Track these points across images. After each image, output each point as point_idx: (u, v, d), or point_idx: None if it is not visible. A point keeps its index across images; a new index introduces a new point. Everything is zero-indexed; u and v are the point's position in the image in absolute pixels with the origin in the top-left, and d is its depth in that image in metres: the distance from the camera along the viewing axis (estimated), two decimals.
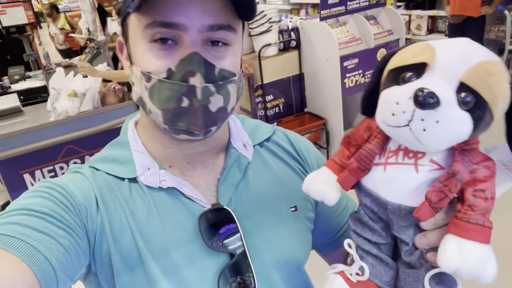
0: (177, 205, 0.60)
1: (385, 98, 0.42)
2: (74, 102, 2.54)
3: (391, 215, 0.45)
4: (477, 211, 0.40)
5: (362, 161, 0.46)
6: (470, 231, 0.39)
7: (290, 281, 0.66)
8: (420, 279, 0.44)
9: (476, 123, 0.39)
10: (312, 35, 3.15)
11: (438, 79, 0.38)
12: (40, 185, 0.57)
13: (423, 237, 0.44)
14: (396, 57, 0.44)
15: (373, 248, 0.49)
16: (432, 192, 0.40)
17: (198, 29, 0.52)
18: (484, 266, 0.38)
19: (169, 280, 0.57)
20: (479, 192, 0.41)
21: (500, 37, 4.26)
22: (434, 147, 0.40)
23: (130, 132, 0.66)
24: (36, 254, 0.47)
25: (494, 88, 0.38)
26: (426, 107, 0.37)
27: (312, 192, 0.51)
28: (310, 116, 3.43)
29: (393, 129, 0.41)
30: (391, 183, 0.44)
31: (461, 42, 0.41)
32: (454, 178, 0.40)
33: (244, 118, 0.75)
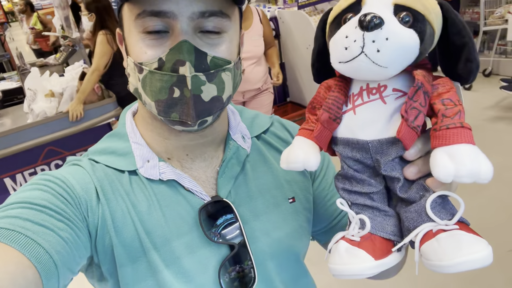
0: (178, 198, 0.61)
1: (334, 38, 0.43)
2: (51, 102, 2.48)
3: (375, 154, 0.45)
4: (451, 116, 0.41)
5: (330, 109, 0.46)
6: (453, 136, 0.39)
7: (288, 272, 0.67)
8: (422, 210, 0.43)
9: (421, 36, 0.41)
10: (291, 24, 3.15)
11: (375, 7, 0.41)
12: (39, 177, 0.57)
13: (412, 166, 0.44)
14: (333, 9, 0.47)
15: (367, 200, 0.48)
16: (405, 109, 0.41)
17: (189, 16, 0.51)
18: (478, 163, 0.38)
19: (171, 270, 0.57)
20: (447, 101, 0.42)
21: (475, 19, 4.34)
22: (392, 65, 0.41)
23: (128, 124, 0.66)
24: (36, 247, 0.46)
25: (424, 2, 0.42)
26: (372, 28, 0.39)
27: (291, 163, 0.49)
28: (293, 105, 3.45)
29: (350, 64, 0.42)
30: (365, 123, 0.45)
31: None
32: (420, 90, 0.41)
33: (243, 109, 0.74)
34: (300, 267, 0.72)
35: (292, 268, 0.68)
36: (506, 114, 3.57)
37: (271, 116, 0.75)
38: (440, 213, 0.42)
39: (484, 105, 3.76)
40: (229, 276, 0.60)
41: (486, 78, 4.33)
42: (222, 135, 0.67)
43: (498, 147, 3.07)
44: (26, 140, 2.42)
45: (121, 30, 0.60)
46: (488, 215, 2.39)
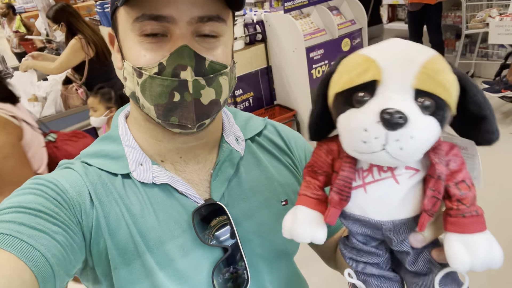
0: (171, 201, 0.61)
1: (348, 127, 0.40)
2: (35, 107, 2.44)
3: (387, 233, 0.44)
4: (467, 204, 0.40)
5: (342, 191, 0.44)
6: (469, 225, 0.39)
7: (280, 272, 0.68)
8: (429, 285, 0.44)
9: (441, 123, 0.39)
10: (277, 28, 3.16)
11: (394, 93, 0.38)
12: (31, 181, 0.56)
13: (418, 235, 0.44)
14: (338, 78, 0.43)
15: (374, 269, 0.48)
16: (427, 202, 0.40)
17: (188, 21, 0.52)
18: (492, 253, 0.39)
19: (165, 272, 0.58)
20: (461, 184, 0.41)
21: (457, 22, 4.43)
22: (412, 160, 0.40)
23: (121, 126, 0.65)
24: (32, 251, 0.47)
25: (446, 84, 0.39)
26: (397, 127, 0.36)
27: (298, 237, 0.47)
28: (280, 108, 3.46)
29: (368, 156, 0.39)
30: (377, 203, 0.43)
31: (395, 45, 0.41)
32: (440, 180, 0.40)
33: (236, 111, 0.75)
34: (292, 268, 0.73)
35: (284, 269, 0.69)
36: None
37: (264, 119, 0.76)
38: (446, 286, 0.43)
39: None
40: (223, 277, 0.60)
41: None
42: (216, 137, 0.67)
43: (479, 148, 3.13)
44: None
45: (114, 32, 0.59)
46: None
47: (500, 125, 3.43)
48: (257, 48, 3.31)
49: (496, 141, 0.43)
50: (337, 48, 3.21)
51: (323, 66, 3.19)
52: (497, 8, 4.03)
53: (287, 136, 0.75)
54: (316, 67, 3.16)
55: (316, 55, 3.12)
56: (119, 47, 0.59)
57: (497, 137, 0.43)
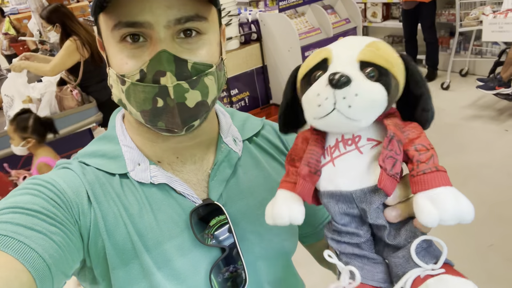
0: (169, 201, 0.61)
1: (306, 97, 0.46)
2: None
3: (360, 204, 0.46)
4: (426, 161, 0.43)
5: (309, 163, 0.48)
6: (430, 181, 0.41)
7: (278, 272, 0.68)
8: (409, 256, 0.45)
9: (387, 88, 0.44)
10: (272, 27, 3.16)
11: (341, 65, 0.44)
12: (28, 182, 0.56)
13: (393, 209, 0.45)
14: (302, 66, 0.49)
15: (355, 249, 0.49)
16: (383, 159, 0.43)
17: (165, 25, 0.51)
18: (459, 204, 0.40)
19: (163, 272, 0.57)
20: (419, 146, 0.44)
21: (451, 20, 4.44)
22: (364, 118, 0.43)
23: (118, 126, 0.65)
24: (29, 251, 0.46)
25: (387, 57, 0.45)
26: (342, 86, 0.41)
27: (277, 218, 0.50)
28: (276, 107, 3.46)
29: (324, 120, 0.44)
30: (345, 173, 0.47)
31: (350, 38, 0.48)
32: (394, 139, 0.43)
33: (234, 111, 0.75)
34: (290, 267, 0.73)
35: (282, 268, 0.69)
36: (483, 112, 3.67)
37: (262, 119, 0.76)
38: (425, 257, 0.44)
39: (461, 104, 3.86)
40: (223, 276, 0.60)
41: (462, 78, 4.44)
42: (212, 137, 0.67)
43: (475, 144, 3.15)
44: (4, 148, 2.35)
45: (100, 38, 0.59)
46: None
47: (495, 122, 3.46)
48: (252, 48, 3.31)
49: (431, 120, 0.47)
50: None
51: None
52: (490, 6, 4.05)
53: (285, 136, 0.75)
54: None
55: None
56: (106, 53, 0.58)
57: (431, 116, 0.46)
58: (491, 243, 2.23)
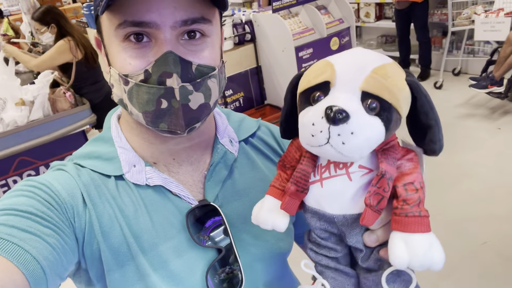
0: (165, 203, 0.60)
1: (302, 121, 0.44)
2: (22, 111, 2.39)
3: (341, 227, 0.47)
4: (411, 204, 0.43)
5: (298, 183, 0.48)
6: (410, 225, 0.42)
7: (274, 272, 0.68)
8: (379, 281, 0.46)
9: (386, 124, 0.42)
10: (266, 28, 3.16)
11: (342, 93, 0.41)
12: (23, 184, 0.56)
13: (372, 234, 0.46)
14: (303, 79, 0.47)
15: (331, 262, 0.51)
16: (369, 197, 0.43)
17: (171, 25, 0.51)
18: (432, 254, 0.41)
19: (159, 274, 0.57)
20: (409, 185, 0.43)
21: (443, 20, 4.48)
22: (357, 155, 0.42)
23: (113, 128, 0.65)
24: (24, 253, 0.46)
25: (393, 89, 0.41)
26: (338, 122, 0.39)
27: (261, 223, 0.52)
28: (271, 108, 3.46)
29: (316, 149, 0.43)
30: (331, 197, 0.46)
31: (354, 53, 0.45)
32: (384, 178, 0.43)
33: (230, 112, 0.75)
34: (286, 268, 0.74)
35: (278, 268, 0.70)
36: (475, 111, 3.70)
37: (258, 120, 0.76)
38: (395, 283, 0.46)
39: (454, 103, 3.88)
40: (219, 278, 0.60)
41: (455, 77, 4.48)
42: (209, 137, 0.67)
43: (468, 143, 3.18)
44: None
45: (100, 36, 0.58)
46: (461, 209, 2.47)
47: (488, 120, 3.49)
48: (246, 48, 3.31)
49: (439, 152, 0.45)
50: (326, 47, 3.23)
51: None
52: (482, 5, 4.08)
53: (280, 137, 0.75)
54: (306, 66, 3.16)
55: (305, 54, 3.13)
56: (105, 52, 0.58)
57: (439, 148, 0.45)
58: (485, 240, 2.25)
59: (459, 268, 2.08)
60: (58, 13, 2.75)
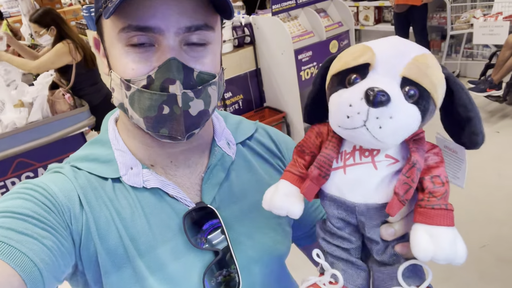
0: (162, 205, 0.60)
1: (336, 102, 0.43)
2: (21, 113, 2.39)
3: (361, 217, 0.46)
4: (438, 197, 0.42)
5: (322, 167, 0.46)
6: (437, 217, 0.41)
7: (272, 274, 0.68)
8: (394, 275, 0.45)
9: (423, 114, 0.41)
10: (265, 30, 3.17)
11: (383, 77, 0.41)
12: (20, 186, 0.56)
13: (389, 227, 0.45)
14: (337, 61, 0.45)
15: (343, 253, 0.49)
16: (399, 186, 0.42)
17: (175, 31, 0.51)
18: (456, 247, 0.41)
19: (156, 277, 0.57)
20: (436, 178, 0.43)
21: (442, 24, 4.49)
22: (391, 142, 0.41)
23: (110, 130, 0.65)
24: (21, 256, 0.46)
25: (433, 78, 0.41)
26: (378, 105, 0.38)
27: (275, 208, 0.50)
28: (270, 110, 3.46)
29: (350, 131, 0.42)
30: (354, 185, 0.45)
31: (394, 40, 0.44)
32: (415, 167, 0.42)
33: (227, 115, 0.75)
34: (284, 270, 0.73)
35: (276, 271, 0.69)
36: None
37: (255, 122, 0.76)
38: (409, 278, 0.45)
39: None
40: (216, 281, 0.60)
41: None
42: (206, 140, 0.67)
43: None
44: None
45: (100, 37, 0.58)
46: (461, 212, 2.47)
47: (486, 123, 3.49)
48: (245, 51, 3.31)
49: (481, 144, 0.44)
50: (325, 50, 3.23)
51: (311, 68, 3.20)
52: (481, 9, 4.10)
53: (278, 139, 0.75)
54: (305, 69, 3.17)
55: (305, 57, 3.13)
56: (106, 55, 0.58)
57: (482, 139, 0.44)
58: (484, 243, 2.25)
59: (458, 271, 2.07)
60: (56, 15, 2.76)
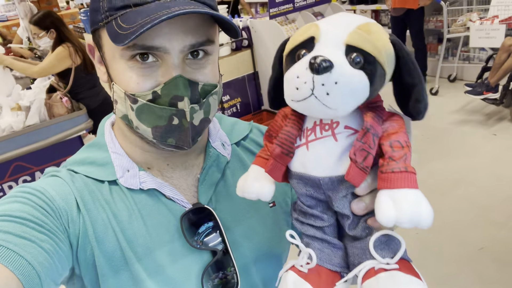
0: (159, 206, 0.61)
1: (287, 77, 0.44)
2: (18, 116, 2.39)
3: (327, 191, 0.46)
4: (397, 160, 0.42)
5: (283, 144, 0.47)
6: (397, 180, 0.41)
7: (270, 275, 0.68)
8: (366, 248, 0.45)
9: (371, 78, 0.41)
10: (263, 34, 3.18)
11: (327, 47, 0.42)
12: (17, 190, 0.56)
13: (360, 202, 0.45)
14: (288, 42, 0.47)
15: (317, 232, 0.49)
16: (354, 152, 0.42)
17: (180, 50, 0.52)
18: (419, 209, 0.40)
19: (154, 280, 0.57)
20: (395, 143, 0.43)
21: (439, 27, 4.52)
22: (341, 108, 0.41)
23: (107, 134, 0.65)
24: (19, 259, 0.46)
25: (377, 43, 0.42)
26: (322, 71, 0.39)
27: (246, 193, 0.51)
28: (268, 113, 3.47)
29: (301, 103, 0.42)
30: (317, 159, 0.45)
31: (339, 14, 0.46)
32: (369, 133, 0.42)
33: (222, 116, 0.75)
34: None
35: (274, 271, 0.69)
36: (471, 117, 3.72)
37: (250, 123, 0.77)
38: (383, 251, 0.44)
39: (450, 109, 3.91)
40: (212, 283, 0.60)
41: (451, 84, 4.51)
42: (203, 143, 0.68)
43: (464, 149, 3.19)
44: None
45: (97, 46, 0.59)
46: (458, 215, 2.48)
47: (483, 126, 3.51)
48: (243, 54, 3.32)
49: (424, 112, 0.45)
50: None
51: None
52: (477, 13, 4.13)
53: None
54: None
55: None
56: (105, 64, 0.58)
57: (424, 107, 0.44)
58: (482, 246, 2.25)
59: (456, 274, 2.08)
60: (57, 18, 2.76)
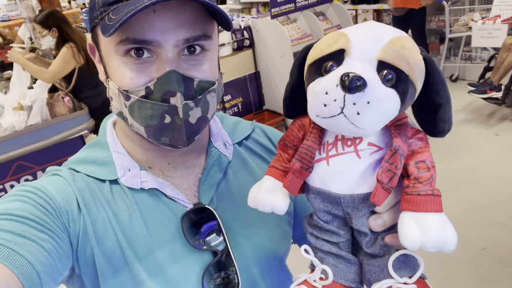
0: (160, 206, 0.60)
1: (313, 91, 0.42)
2: (20, 116, 2.40)
3: (347, 208, 0.45)
4: (424, 182, 0.41)
5: (303, 159, 0.45)
6: (423, 204, 0.40)
7: (272, 276, 0.67)
8: (384, 267, 0.44)
9: (402, 97, 0.40)
10: (264, 33, 3.18)
11: (358, 62, 0.39)
12: (18, 189, 0.56)
13: (378, 218, 0.44)
14: (312, 50, 0.44)
15: (332, 247, 0.48)
16: (381, 173, 0.41)
17: (174, 44, 0.51)
18: (445, 234, 0.39)
19: (154, 280, 0.57)
20: (421, 164, 0.42)
21: (441, 27, 4.51)
22: (370, 128, 0.40)
23: (108, 133, 0.65)
24: (19, 258, 0.46)
25: (410, 60, 0.40)
26: (354, 90, 0.37)
27: (259, 205, 0.49)
28: (269, 113, 3.47)
29: (328, 120, 0.41)
30: (338, 176, 0.44)
31: (368, 24, 0.43)
32: (397, 153, 0.41)
33: (224, 116, 0.75)
34: (284, 271, 0.73)
35: (276, 272, 0.69)
36: (473, 117, 3.72)
37: (252, 122, 0.76)
38: (401, 270, 0.43)
39: (452, 109, 3.89)
40: (214, 283, 0.60)
41: (453, 83, 4.50)
42: (204, 142, 0.67)
43: (466, 148, 3.19)
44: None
45: (95, 45, 0.59)
46: (460, 215, 2.47)
47: (485, 126, 3.50)
48: (245, 54, 3.32)
49: (447, 132, 0.43)
50: None
51: None
52: (479, 12, 4.12)
53: (274, 137, 0.76)
54: None
55: None
56: (102, 63, 0.58)
57: (449, 127, 0.43)
58: (483, 246, 2.24)
59: (458, 275, 2.07)
60: (61, 17, 2.76)
